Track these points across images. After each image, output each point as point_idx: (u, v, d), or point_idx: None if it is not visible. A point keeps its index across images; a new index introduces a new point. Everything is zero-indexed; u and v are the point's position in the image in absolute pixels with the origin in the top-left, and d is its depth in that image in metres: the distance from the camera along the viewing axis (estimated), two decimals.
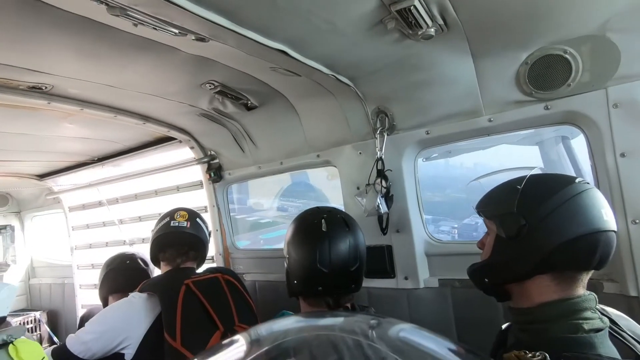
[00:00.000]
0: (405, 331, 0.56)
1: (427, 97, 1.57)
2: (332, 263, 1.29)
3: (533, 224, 0.85)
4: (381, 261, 1.81)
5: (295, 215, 1.47)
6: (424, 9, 1.08)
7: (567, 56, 1.26)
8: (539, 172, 0.94)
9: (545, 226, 0.84)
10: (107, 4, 0.94)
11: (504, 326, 1.02)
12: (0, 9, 1.01)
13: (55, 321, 3.98)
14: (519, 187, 0.89)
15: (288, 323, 0.61)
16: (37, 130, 2.20)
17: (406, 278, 1.77)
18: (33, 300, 4.22)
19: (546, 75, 1.32)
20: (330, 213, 1.39)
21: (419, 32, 1.17)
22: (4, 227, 4.07)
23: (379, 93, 1.65)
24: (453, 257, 1.70)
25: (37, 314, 3.79)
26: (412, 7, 1.04)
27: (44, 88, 1.58)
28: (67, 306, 3.89)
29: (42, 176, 3.43)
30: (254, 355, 0.50)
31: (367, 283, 1.84)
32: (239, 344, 0.57)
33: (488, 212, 0.96)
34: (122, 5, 0.94)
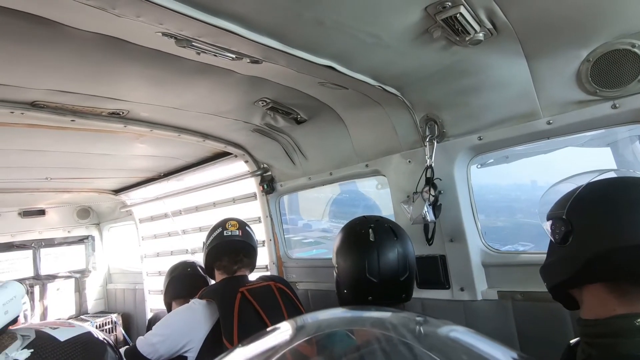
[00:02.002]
0: (435, 328, 0.56)
1: (478, 102, 1.53)
2: (381, 273, 1.29)
3: (578, 229, 0.81)
4: (435, 271, 1.76)
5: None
6: (471, 15, 1.07)
7: (636, 50, 1.16)
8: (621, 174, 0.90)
9: (588, 232, 0.80)
10: (175, 38, 1.06)
11: (572, 341, 0.95)
12: (89, 49, 1.19)
13: (128, 323, 4.36)
14: (576, 191, 0.85)
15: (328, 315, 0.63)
16: (114, 150, 2.49)
17: (462, 289, 1.70)
18: (110, 303, 4.66)
19: (612, 72, 1.22)
20: (377, 222, 1.39)
21: (467, 38, 1.16)
22: (87, 237, 4.58)
23: (427, 100, 1.63)
24: (513, 268, 1.61)
25: (114, 316, 4.19)
26: (458, 15, 1.04)
27: (121, 113, 1.80)
28: (138, 310, 4.25)
29: (117, 191, 3.82)
30: (286, 349, 0.53)
31: (421, 294, 1.80)
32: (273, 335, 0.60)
33: (547, 216, 0.93)
34: (187, 38, 1.05)
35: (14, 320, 0.77)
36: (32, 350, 0.74)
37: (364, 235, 1.34)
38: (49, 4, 0.91)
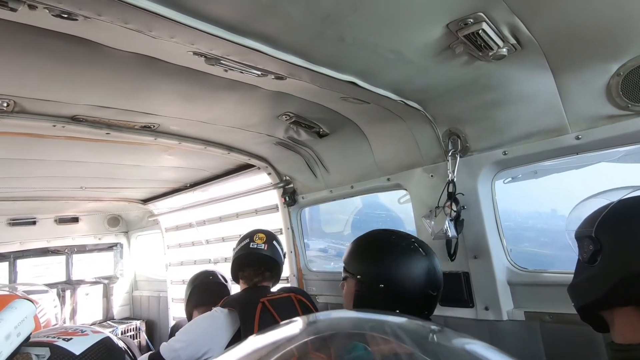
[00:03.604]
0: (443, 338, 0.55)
1: (503, 116, 1.50)
2: (438, 285, 1.27)
3: (607, 249, 0.78)
4: (458, 289, 1.72)
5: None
6: (494, 31, 1.07)
7: None
8: None
9: (618, 253, 0.76)
10: (205, 57, 1.12)
11: None
12: (126, 67, 1.27)
13: (151, 330, 4.45)
14: (606, 208, 0.82)
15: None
16: (144, 162, 2.60)
17: (487, 308, 1.65)
18: (135, 310, 4.78)
19: None
20: (416, 239, 1.34)
21: (490, 54, 1.16)
22: (115, 244, 4.75)
23: (450, 115, 1.62)
24: (542, 288, 1.55)
25: (138, 323, 4.30)
26: (480, 31, 1.04)
27: (152, 127, 1.89)
28: (161, 317, 4.34)
29: (145, 201, 3.97)
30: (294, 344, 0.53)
31: (444, 311, 1.76)
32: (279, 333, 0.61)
33: (574, 233, 0.90)
34: (216, 56, 1.11)
35: (27, 339, 0.76)
36: None
37: (414, 250, 1.27)
38: (92, 27, 0.98)
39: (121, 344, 0.97)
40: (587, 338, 1.33)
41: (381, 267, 1.26)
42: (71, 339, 0.85)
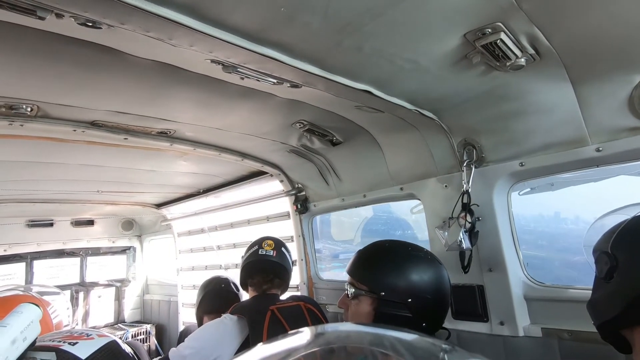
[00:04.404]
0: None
1: (520, 127, 1.48)
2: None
3: (622, 265, 0.77)
4: (472, 302, 1.68)
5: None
6: (512, 41, 1.06)
7: None
8: None
9: (633, 269, 0.75)
10: (223, 65, 1.14)
11: None
12: (146, 74, 1.30)
13: (161, 334, 4.47)
14: (622, 224, 0.81)
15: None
16: (160, 167, 2.65)
17: (502, 323, 1.60)
18: (145, 314, 4.82)
19: None
20: (426, 249, 1.31)
21: (508, 64, 1.14)
22: (128, 248, 4.82)
23: (466, 125, 1.61)
24: (560, 304, 1.50)
25: (148, 327, 4.33)
26: (498, 41, 1.03)
27: (168, 133, 1.92)
28: (171, 322, 4.36)
29: (159, 205, 4.02)
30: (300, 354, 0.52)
31: (457, 325, 1.72)
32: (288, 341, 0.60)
33: (592, 250, 0.88)
34: (234, 64, 1.13)
35: (33, 344, 0.75)
36: None
37: (434, 260, 1.25)
38: (115, 35, 1.01)
39: (128, 349, 0.96)
40: (608, 358, 1.28)
41: (410, 281, 1.17)
42: (77, 343, 0.84)
